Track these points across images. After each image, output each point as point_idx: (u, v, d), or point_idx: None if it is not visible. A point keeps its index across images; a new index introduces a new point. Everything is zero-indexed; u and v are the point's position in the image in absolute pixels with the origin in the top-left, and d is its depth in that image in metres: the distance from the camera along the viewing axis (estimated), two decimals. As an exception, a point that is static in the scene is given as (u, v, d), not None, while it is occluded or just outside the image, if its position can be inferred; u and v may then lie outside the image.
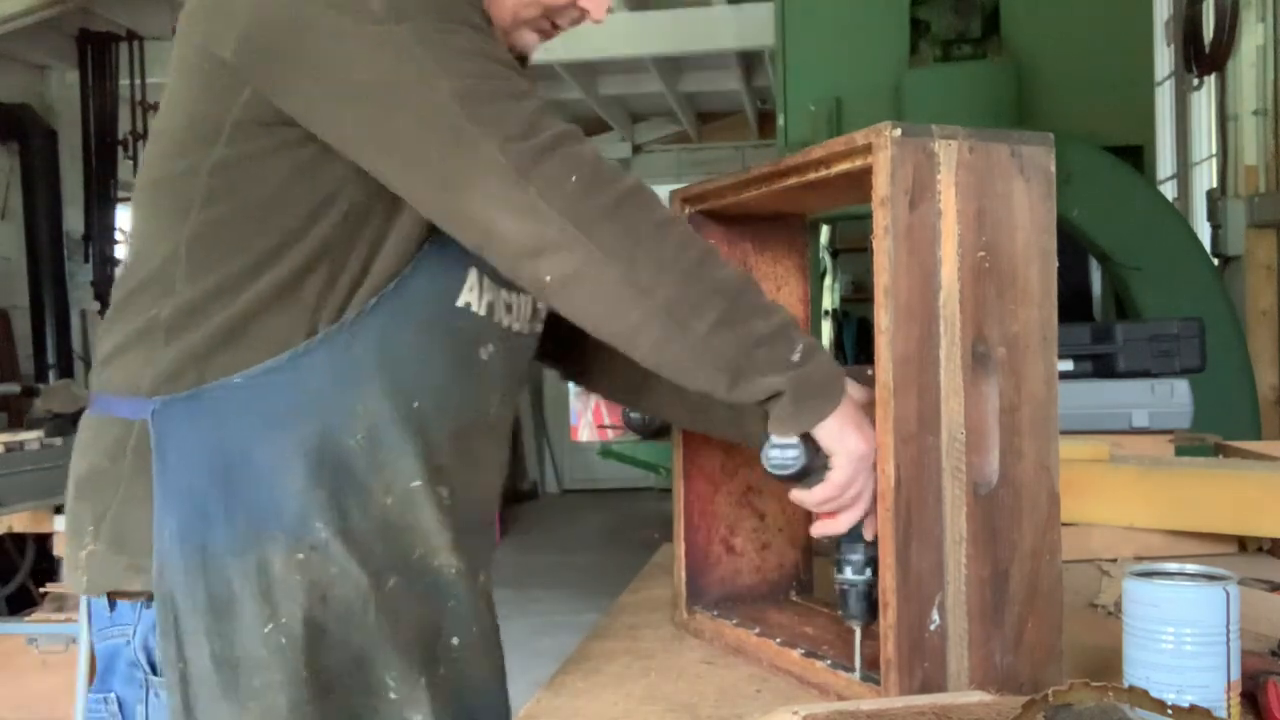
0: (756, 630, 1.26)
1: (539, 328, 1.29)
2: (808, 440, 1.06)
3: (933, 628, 1.01)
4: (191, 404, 1.09)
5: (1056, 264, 1.06)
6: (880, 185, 0.99)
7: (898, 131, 0.99)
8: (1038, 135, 1.06)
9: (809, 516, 1.43)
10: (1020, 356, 1.04)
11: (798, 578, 1.43)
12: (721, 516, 1.39)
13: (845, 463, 1.05)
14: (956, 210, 1.01)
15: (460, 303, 1.15)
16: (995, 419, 1.03)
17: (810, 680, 1.14)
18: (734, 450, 1.39)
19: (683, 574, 1.37)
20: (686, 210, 1.36)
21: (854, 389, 1.10)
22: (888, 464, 1.00)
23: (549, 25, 1.24)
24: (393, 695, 1.11)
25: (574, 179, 0.98)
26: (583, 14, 1.23)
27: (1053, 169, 1.05)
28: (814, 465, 1.07)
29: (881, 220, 0.99)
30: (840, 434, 1.05)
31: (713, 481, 1.38)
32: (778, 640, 1.22)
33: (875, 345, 1.01)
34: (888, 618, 1.01)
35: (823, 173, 1.09)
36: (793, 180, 1.15)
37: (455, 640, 1.17)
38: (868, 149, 1.01)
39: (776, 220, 1.39)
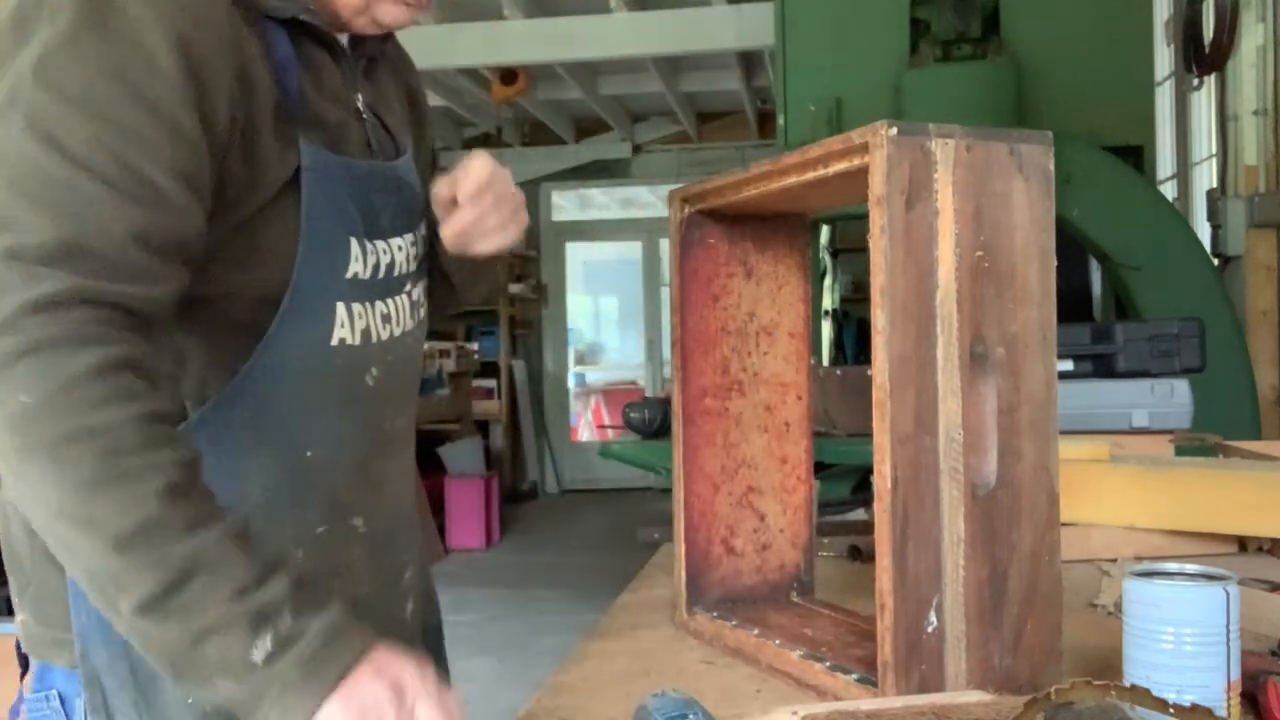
0: (756, 632, 1.26)
1: (422, 314, 1.25)
2: None
3: (930, 629, 1.01)
4: None
5: (1055, 263, 1.06)
6: (876, 184, 0.99)
7: (894, 130, 0.98)
8: (1036, 134, 1.05)
9: (810, 518, 1.43)
10: (1019, 357, 1.04)
11: (798, 578, 1.43)
12: (721, 517, 1.39)
13: None
14: (954, 209, 1.01)
15: (334, 342, 1.10)
16: (994, 419, 1.03)
17: (808, 682, 1.14)
18: (734, 451, 1.39)
19: (683, 575, 1.37)
20: (686, 210, 1.36)
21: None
22: (884, 464, 0.99)
23: None
24: None
25: (25, 398, 0.84)
26: None
27: (1051, 168, 1.05)
28: None
29: (878, 220, 0.99)
30: None
31: (713, 482, 1.38)
32: (777, 642, 1.22)
33: (872, 345, 1.00)
34: (884, 620, 1.00)
35: (821, 172, 1.09)
36: (792, 179, 1.14)
37: None
38: (864, 148, 1.01)
39: (777, 220, 1.39)
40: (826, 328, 7.27)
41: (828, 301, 7.37)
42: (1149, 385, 2.83)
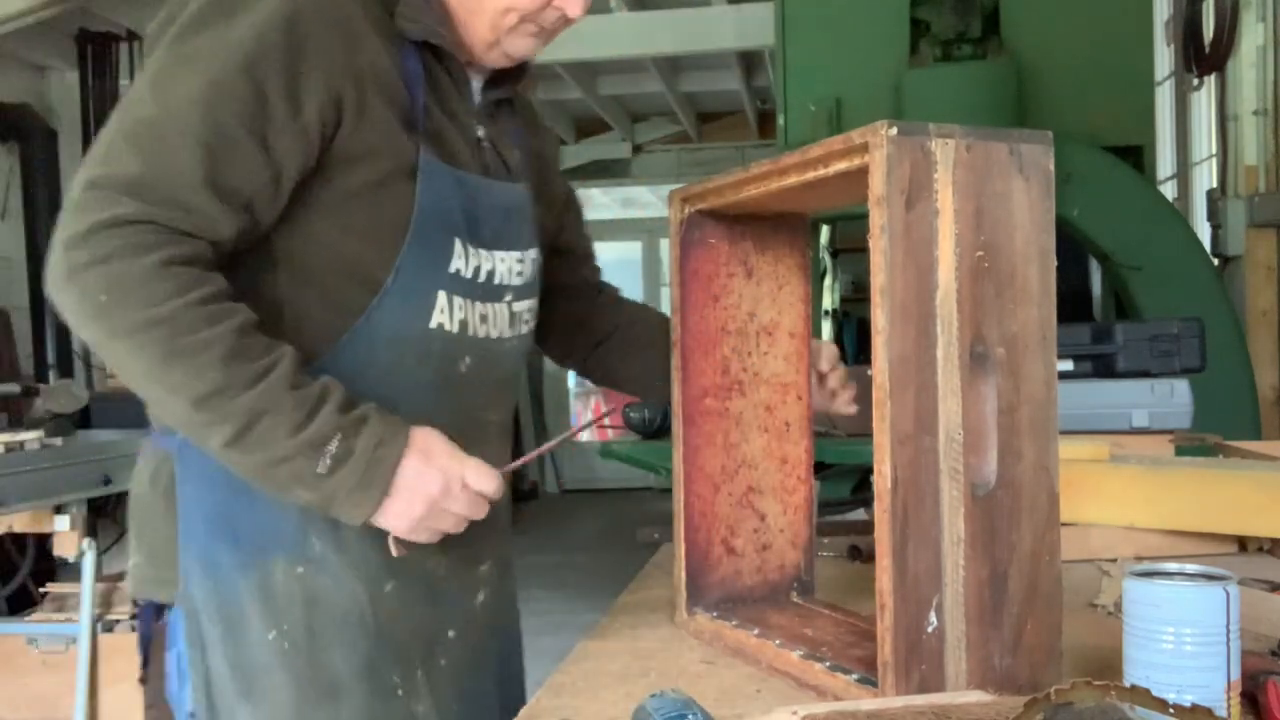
0: (756, 632, 1.26)
1: (524, 329, 1.38)
2: None
3: (930, 630, 1.01)
4: None
5: (1055, 263, 1.06)
6: (876, 184, 0.99)
7: (894, 130, 0.98)
8: (1037, 134, 1.05)
9: (810, 518, 1.43)
10: (1019, 357, 1.04)
11: (799, 578, 1.43)
12: (722, 517, 1.39)
13: (397, 529, 1.15)
14: (954, 209, 1.00)
15: (432, 325, 1.24)
16: (994, 419, 1.03)
17: (809, 682, 1.14)
18: (735, 451, 1.39)
19: (683, 575, 1.37)
20: (686, 210, 1.36)
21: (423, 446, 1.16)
22: (884, 464, 0.99)
23: (536, 28, 1.28)
24: (400, 693, 1.25)
25: (104, 297, 1.05)
26: (562, 12, 1.26)
27: (1052, 168, 1.05)
28: None
29: (878, 220, 0.99)
30: (384, 518, 1.14)
31: (713, 482, 1.38)
32: (777, 642, 1.22)
33: (872, 345, 1.00)
34: (885, 620, 1.00)
35: (821, 172, 1.09)
36: (792, 179, 1.14)
37: (452, 633, 1.30)
38: (864, 148, 1.01)
39: (778, 220, 1.39)
40: (826, 328, 7.26)
41: (828, 301, 7.36)
42: (1149, 385, 2.83)
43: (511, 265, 1.33)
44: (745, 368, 1.39)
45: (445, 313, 1.24)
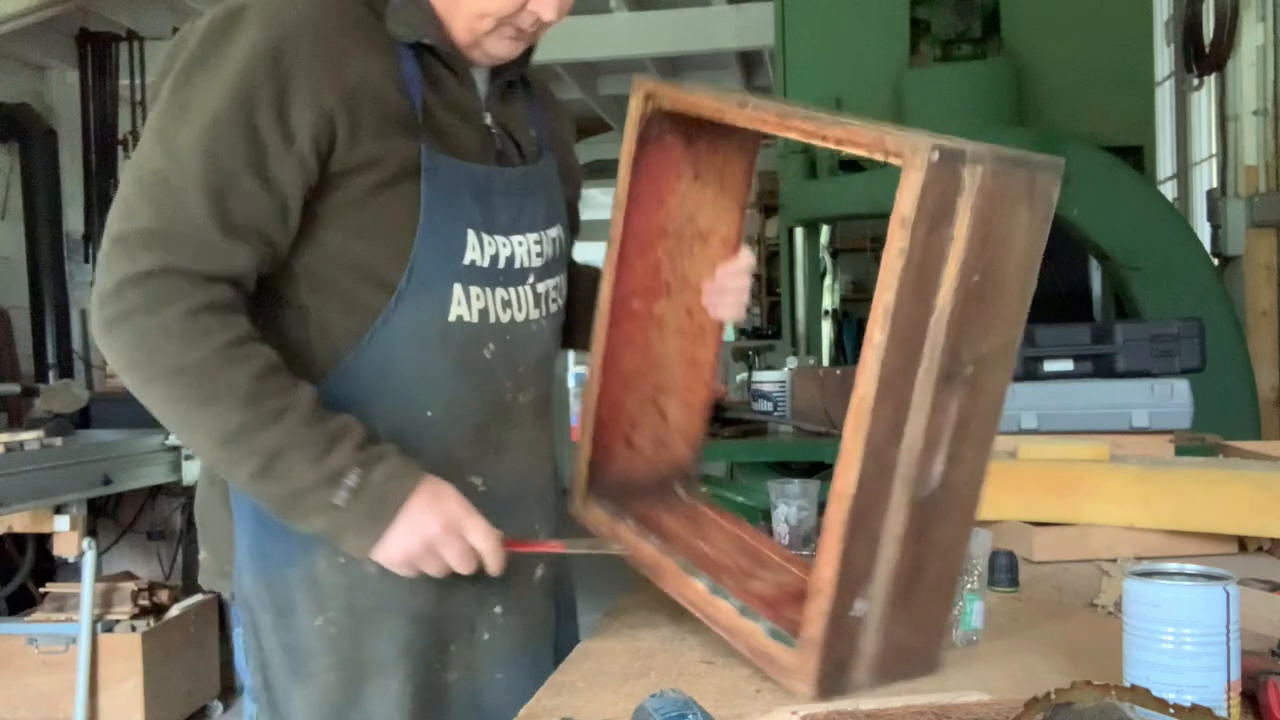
0: (657, 543, 1.29)
1: (553, 308, 1.39)
2: None
3: (856, 615, 1.05)
4: None
5: (1035, 285, 1.07)
6: (905, 206, 0.96)
7: (935, 155, 0.94)
8: (1050, 161, 1.04)
9: (705, 418, 1.46)
10: (985, 373, 1.05)
11: (685, 473, 1.45)
12: (627, 415, 1.40)
13: (390, 561, 1.21)
14: (967, 237, 0.99)
15: (451, 318, 1.27)
16: (949, 430, 1.04)
17: (720, 622, 1.19)
18: (651, 352, 1.39)
19: (585, 469, 1.39)
20: (649, 106, 1.31)
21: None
22: (851, 471, 1.00)
23: (514, 31, 1.28)
24: (435, 666, 1.31)
25: (134, 349, 1.15)
26: (536, 15, 1.26)
27: (1055, 196, 1.05)
28: None
29: (897, 242, 0.97)
30: (381, 549, 1.19)
31: (625, 382, 1.38)
32: (679, 560, 1.25)
33: (862, 356, 0.99)
34: (818, 604, 1.03)
35: (829, 145, 1.07)
36: (793, 134, 1.12)
37: (498, 609, 1.35)
38: (896, 156, 0.98)
39: (736, 130, 1.36)
40: (826, 328, 7.25)
41: (828, 301, 7.34)
42: (1149, 385, 2.83)
43: (530, 247, 1.34)
44: (675, 271, 1.38)
45: (463, 304, 1.27)
